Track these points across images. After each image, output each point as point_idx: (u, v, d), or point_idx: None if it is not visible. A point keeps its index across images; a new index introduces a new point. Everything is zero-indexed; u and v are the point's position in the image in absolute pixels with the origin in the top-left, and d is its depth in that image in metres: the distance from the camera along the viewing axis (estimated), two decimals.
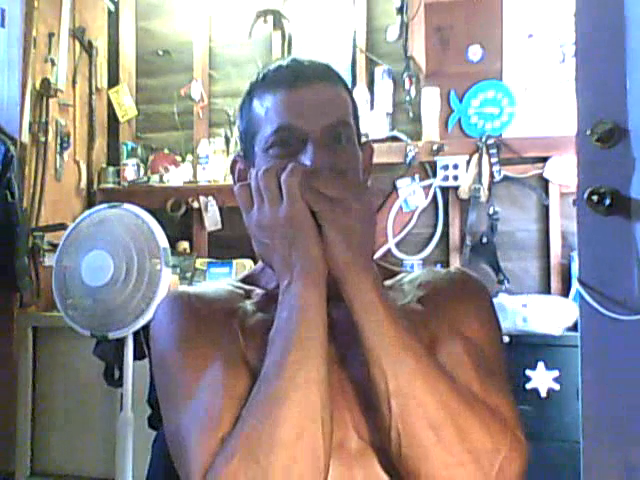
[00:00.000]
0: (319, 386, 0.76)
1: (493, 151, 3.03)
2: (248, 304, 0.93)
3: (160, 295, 2.29)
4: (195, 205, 3.43)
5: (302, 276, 0.79)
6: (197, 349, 0.85)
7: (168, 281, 2.33)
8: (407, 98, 3.18)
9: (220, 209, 3.39)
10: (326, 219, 0.79)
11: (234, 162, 0.96)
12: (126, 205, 2.46)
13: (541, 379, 2.51)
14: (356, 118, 0.94)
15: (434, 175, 3.16)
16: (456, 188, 3.12)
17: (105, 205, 2.53)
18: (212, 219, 3.42)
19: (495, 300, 2.70)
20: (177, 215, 3.44)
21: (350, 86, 0.96)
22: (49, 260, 3.13)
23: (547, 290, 3.02)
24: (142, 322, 2.31)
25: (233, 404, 0.78)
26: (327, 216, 0.79)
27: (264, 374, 0.78)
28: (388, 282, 0.97)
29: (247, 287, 0.97)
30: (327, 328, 0.80)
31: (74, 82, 3.41)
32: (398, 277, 0.99)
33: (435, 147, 3.12)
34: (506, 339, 2.46)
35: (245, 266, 3.11)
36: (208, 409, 0.79)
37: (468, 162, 3.08)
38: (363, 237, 0.80)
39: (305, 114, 0.86)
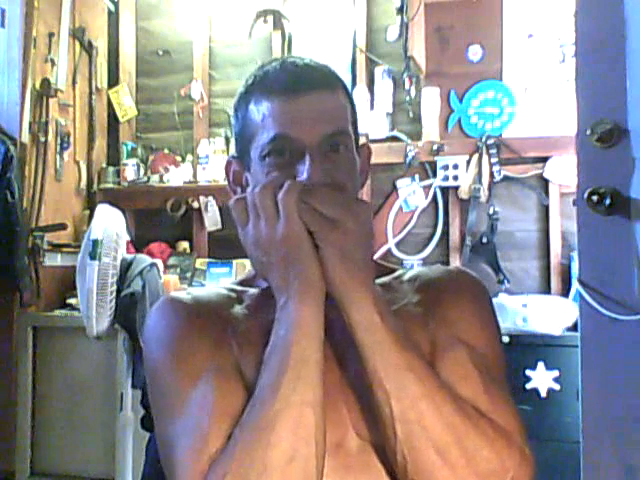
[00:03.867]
0: (314, 407, 0.75)
1: (493, 151, 3.03)
2: (241, 307, 0.92)
3: (91, 289, 2.27)
4: (195, 205, 3.43)
5: (299, 294, 0.78)
6: (188, 359, 0.84)
7: (94, 274, 2.28)
8: (407, 98, 3.18)
9: (220, 209, 3.39)
10: (323, 239, 0.78)
11: (229, 163, 0.95)
12: (100, 205, 2.47)
13: (541, 379, 2.51)
14: (355, 123, 0.92)
15: (434, 175, 3.16)
16: (456, 188, 3.12)
17: None
18: (212, 219, 3.42)
19: (495, 300, 2.70)
20: (177, 215, 3.44)
21: (350, 86, 0.95)
22: (49, 260, 3.13)
23: (547, 290, 3.02)
24: (88, 320, 2.28)
25: (224, 421, 0.77)
26: (324, 236, 0.78)
27: (258, 394, 0.76)
28: (385, 279, 0.95)
29: (240, 289, 0.96)
30: (324, 329, 0.79)
31: (74, 82, 3.41)
32: (396, 274, 0.98)
33: (435, 147, 3.12)
34: (506, 339, 2.46)
35: (245, 266, 3.11)
36: (197, 426, 0.78)
37: (468, 162, 3.08)
38: (361, 257, 0.78)
39: (303, 124, 0.84)
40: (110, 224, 2.35)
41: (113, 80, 3.66)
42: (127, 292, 2.36)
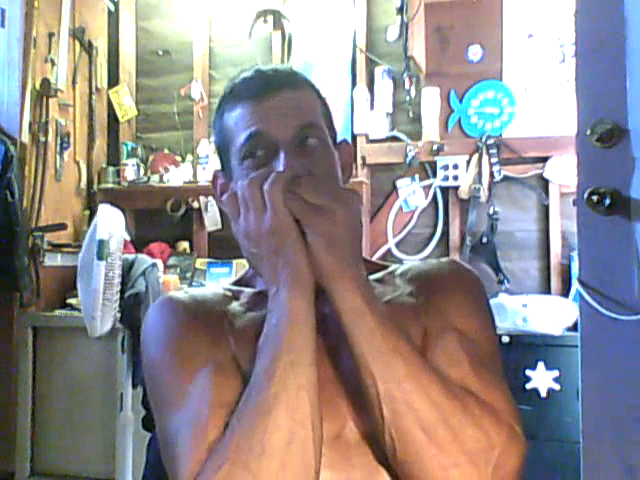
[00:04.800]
0: (309, 391, 0.76)
1: (493, 151, 3.03)
2: (237, 305, 0.94)
3: (97, 289, 2.26)
4: (195, 205, 3.43)
5: (289, 284, 0.79)
6: (186, 356, 0.85)
7: (101, 274, 2.27)
8: (407, 98, 3.18)
9: (220, 209, 3.39)
10: (309, 227, 0.79)
11: (215, 177, 0.97)
12: (101, 205, 2.47)
13: (541, 379, 2.51)
14: (328, 119, 0.94)
15: (434, 175, 3.16)
16: (456, 188, 3.12)
17: None
18: (212, 219, 3.42)
19: (495, 300, 2.70)
20: (177, 215, 3.44)
21: (350, 86, 0.97)
22: (49, 260, 3.13)
23: (547, 290, 3.02)
24: (94, 321, 2.28)
25: (221, 411, 0.79)
26: (310, 224, 0.79)
27: (253, 381, 0.78)
28: (378, 275, 0.97)
29: (235, 288, 0.98)
30: (319, 322, 0.80)
31: (74, 82, 3.41)
32: (390, 269, 1.00)
33: (435, 147, 3.12)
34: (506, 339, 2.46)
35: (245, 266, 3.10)
36: (196, 417, 0.79)
37: (468, 162, 3.08)
38: (348, 243, 0.79)
39: (273, 120, 0.87)
40: (115, 224, 2.36)
41: (113, 80, 3.66)
42: (132, 292, 2.36)
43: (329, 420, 0.80)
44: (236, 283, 1.02)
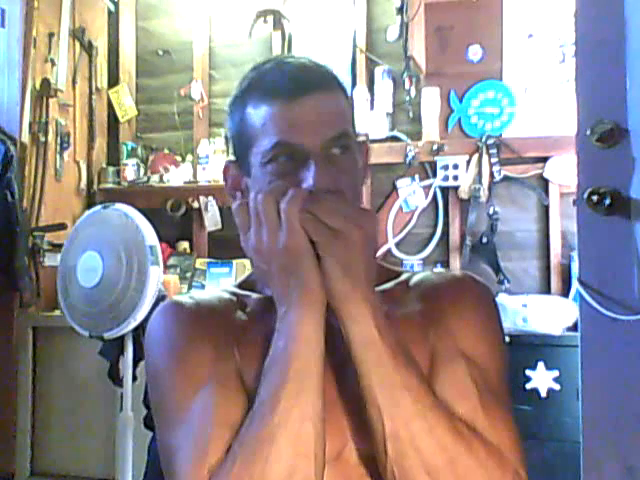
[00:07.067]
0: (314, 421, 0.74)
1: (493, 151, 3.03)
2: (244, 315, 0.90)
3: (149, 294, 2.27)
4: (195, 205, 3.43)
5: (299, 305, 0.77)
6: (190, 368, 0.83)
7: (157, 279, 2.29)
8: (407, 98, 3.18)
9: (220, 209, 3.39)
10: (325, 250, 0.76)
11: (226, 168, 0.92)
12: (117, 205, 2.45)
13: (541, 379, 2.51)
14: (354, 121, 0.90)
15: (434, 175, 3.16)
16: (456, 188, 3.12)
17: (100, 206, 2.52)
18: (212, 219, 3.42)
19: None
20: (177, 215, 3.44)
21: (350, 86, 0.95)
22: (49, 260, 3.13)
23: (547, 290, 3.02)
24: (134, 323, 2.29)
25: (224, 432, 0.77)
26: (326, 247, 0.76)
27: (257, 407, 0.76)
28: (389, 285, 0.93)
29: (242, 293, 0.94)
30: (325, 338, 0.78)
31: (74, 82, 3.41)
32: (402, 278, 0.95)
33: (435, 147, 3.12)
34: (506, 339, 2.46)
35: (245, 266, 3.11)
36: (198, 436, 0.77)
37: (468, 162, 3.08)
38: (363, 269, 0.77)
39: (304, 129, 0.82)
40: (150, 227, 2.38)
41: (113, 80, 3.66)
42: (158, 295, 2.39)
43: (331, 439, 0.78)
44: (240, 285, 0.97)
